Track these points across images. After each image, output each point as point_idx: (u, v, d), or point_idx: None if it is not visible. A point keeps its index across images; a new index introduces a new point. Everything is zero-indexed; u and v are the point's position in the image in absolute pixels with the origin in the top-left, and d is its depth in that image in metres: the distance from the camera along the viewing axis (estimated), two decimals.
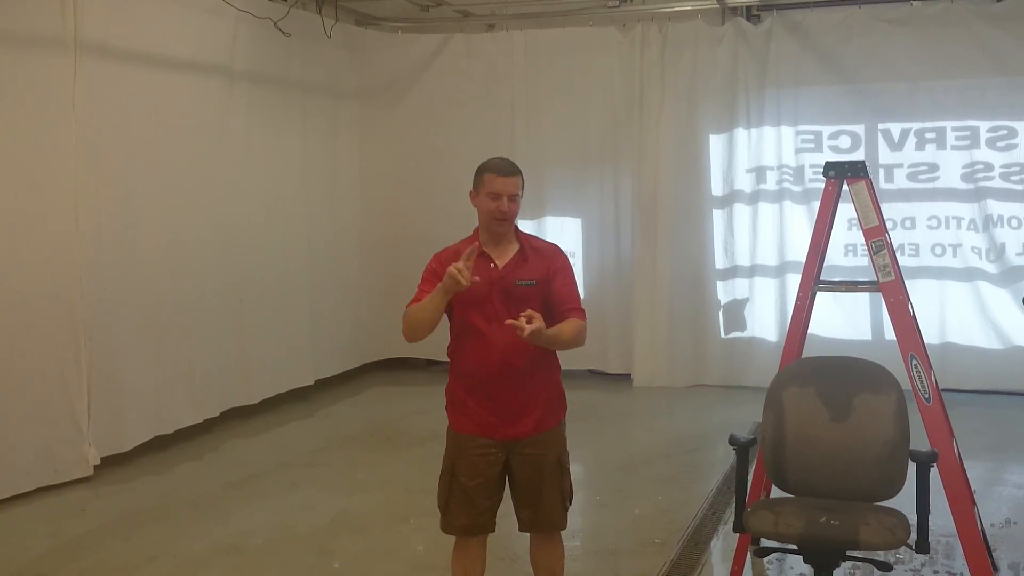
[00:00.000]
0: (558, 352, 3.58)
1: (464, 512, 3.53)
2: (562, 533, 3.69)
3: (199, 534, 5.12)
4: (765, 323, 8.45)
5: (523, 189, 3.52)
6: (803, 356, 4.27)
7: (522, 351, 3.38)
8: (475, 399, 3.50)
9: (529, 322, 3.19)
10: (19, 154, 5.62)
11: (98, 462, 6.02)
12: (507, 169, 3.46)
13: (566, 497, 3.61)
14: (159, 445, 6.59)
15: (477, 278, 3.26)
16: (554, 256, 3.58)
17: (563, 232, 8.78)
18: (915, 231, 8.07)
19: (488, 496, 3.53)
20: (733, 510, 3.73)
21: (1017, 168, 7.80)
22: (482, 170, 3.49)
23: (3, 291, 5.55)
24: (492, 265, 3.48)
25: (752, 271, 8.50)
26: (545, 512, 3.57)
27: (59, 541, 5.03)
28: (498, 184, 3.42)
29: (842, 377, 3.75)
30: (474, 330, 3.44)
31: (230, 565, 4.72)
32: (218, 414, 7.16)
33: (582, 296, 3.68)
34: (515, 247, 3.53)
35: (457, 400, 3.57)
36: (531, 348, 3.37)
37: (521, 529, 3.66)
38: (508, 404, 3.47)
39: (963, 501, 3.99)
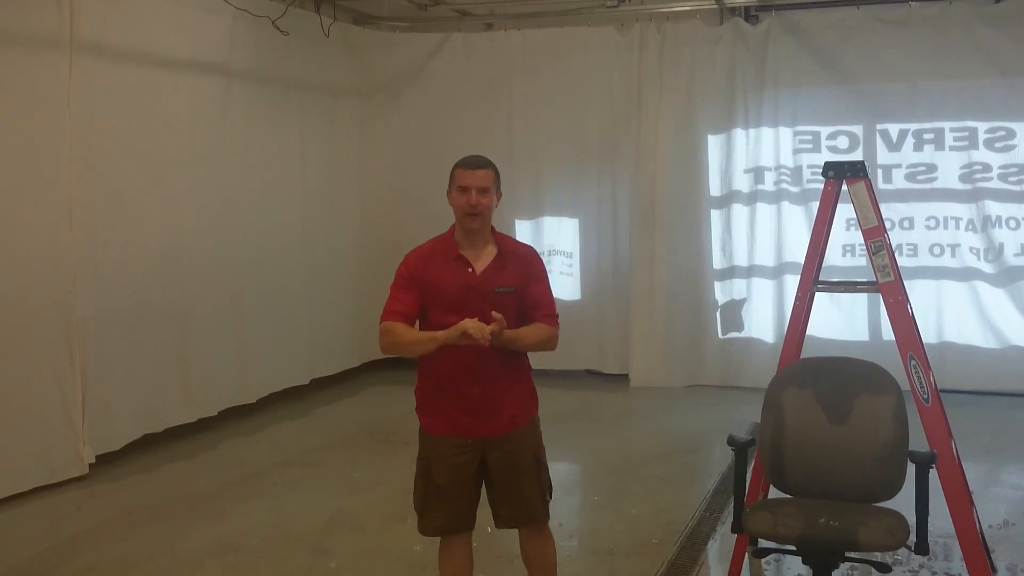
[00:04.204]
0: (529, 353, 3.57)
1: (441, 513, 3.52)
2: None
3: (196, 533, 5.10)
4: (763, 324, 8.44)
5: (499, 184, 3.50)
6: (801, 357, 4.26)
7: (494, 352, 3.35)
8: (448, 399, 3.48)
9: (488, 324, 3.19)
10: (13, 152, 5.60)
11: (93, 460, 6.01)
12: (475, 163, 3.46)
13: (545, 490, 3.60)
14: (156, 444, 6.57)
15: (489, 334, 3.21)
16: (532, 262, 3.58)
17: (560, 232, 8.76)
18: (913, 231, 8.06)
19: (465, 496, 3.52)
20: (731, 511, 3.72)
21: (1015, 169, 7.79)
22: (453, 167, 3.49)
23: None
24: (470, 270, 3.45)
25: (750, 271, 8.49)
26: (525, 507, 3.55)
27: (56, 540, 5.01)
28: (467, 178, 3.42)
29: (841, 378, 3.74)
30: None
31: (227, 564, 4.71)
32: (216, 413, 7.15)
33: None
34: (492, 250, 3.50)
35: (429, 401, 3.55)
36: (503, 348, 3.36)
37: (499, 526, 3.64)
38: (481, 402, 3.45)
39: (962, 502, 3.98)
